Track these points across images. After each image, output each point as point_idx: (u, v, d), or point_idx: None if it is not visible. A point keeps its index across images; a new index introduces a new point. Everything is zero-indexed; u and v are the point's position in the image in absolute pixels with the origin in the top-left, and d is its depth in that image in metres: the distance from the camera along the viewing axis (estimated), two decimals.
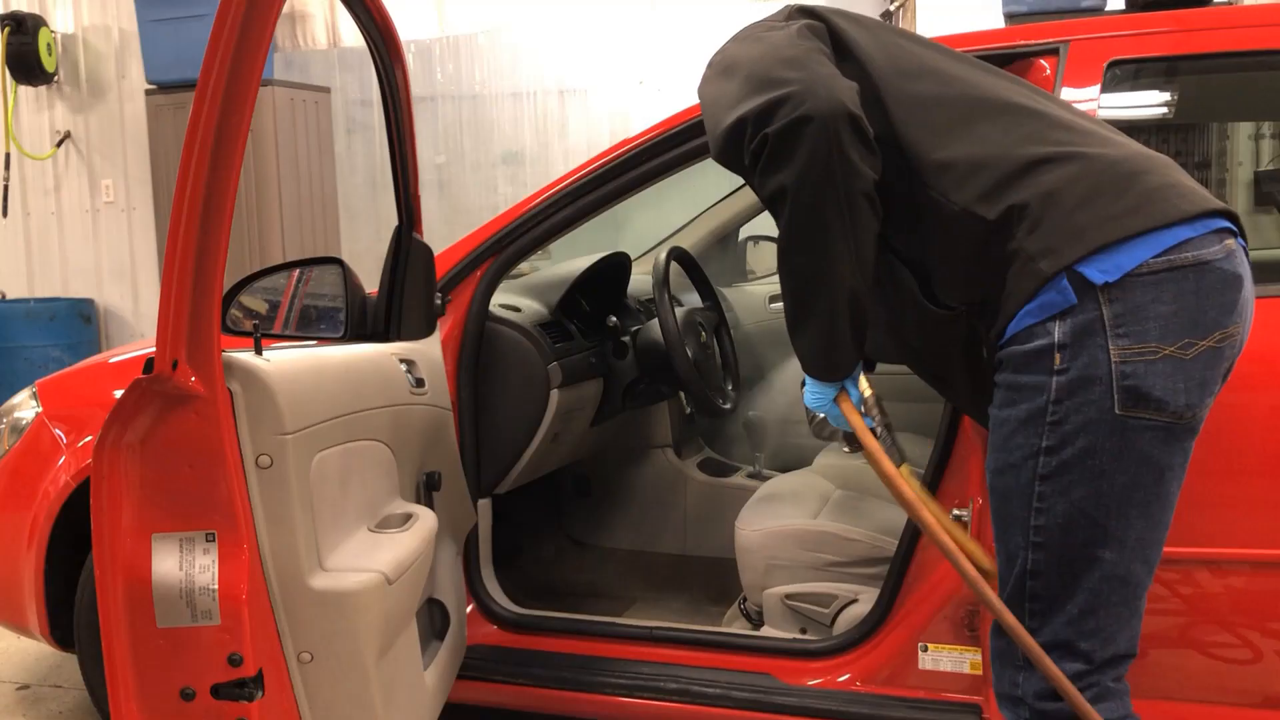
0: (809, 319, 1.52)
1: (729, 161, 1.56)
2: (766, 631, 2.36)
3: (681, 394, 3.18)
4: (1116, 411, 1.37)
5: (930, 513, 1.55)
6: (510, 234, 2.37)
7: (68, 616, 2.44)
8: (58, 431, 2.44)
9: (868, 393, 1.62)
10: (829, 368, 1.57)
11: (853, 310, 1.50)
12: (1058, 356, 1.39)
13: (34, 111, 6.30)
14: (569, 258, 3.05)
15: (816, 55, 1.50)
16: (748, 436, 3.26)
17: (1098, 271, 1.37)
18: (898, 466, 1.62)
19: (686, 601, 2.94)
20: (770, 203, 1.48)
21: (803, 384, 1.67)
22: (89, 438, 2.36)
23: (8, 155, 6.20)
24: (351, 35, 5.74)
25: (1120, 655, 1.47)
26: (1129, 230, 1.37)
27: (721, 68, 1.60)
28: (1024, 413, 1.42)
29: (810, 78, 1.43)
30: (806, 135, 1.40)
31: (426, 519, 2.00)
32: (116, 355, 2.67)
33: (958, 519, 2.03)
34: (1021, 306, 1.41)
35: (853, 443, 1.70)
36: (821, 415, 1.70)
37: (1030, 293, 1.40)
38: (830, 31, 1.59)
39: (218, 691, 1.60)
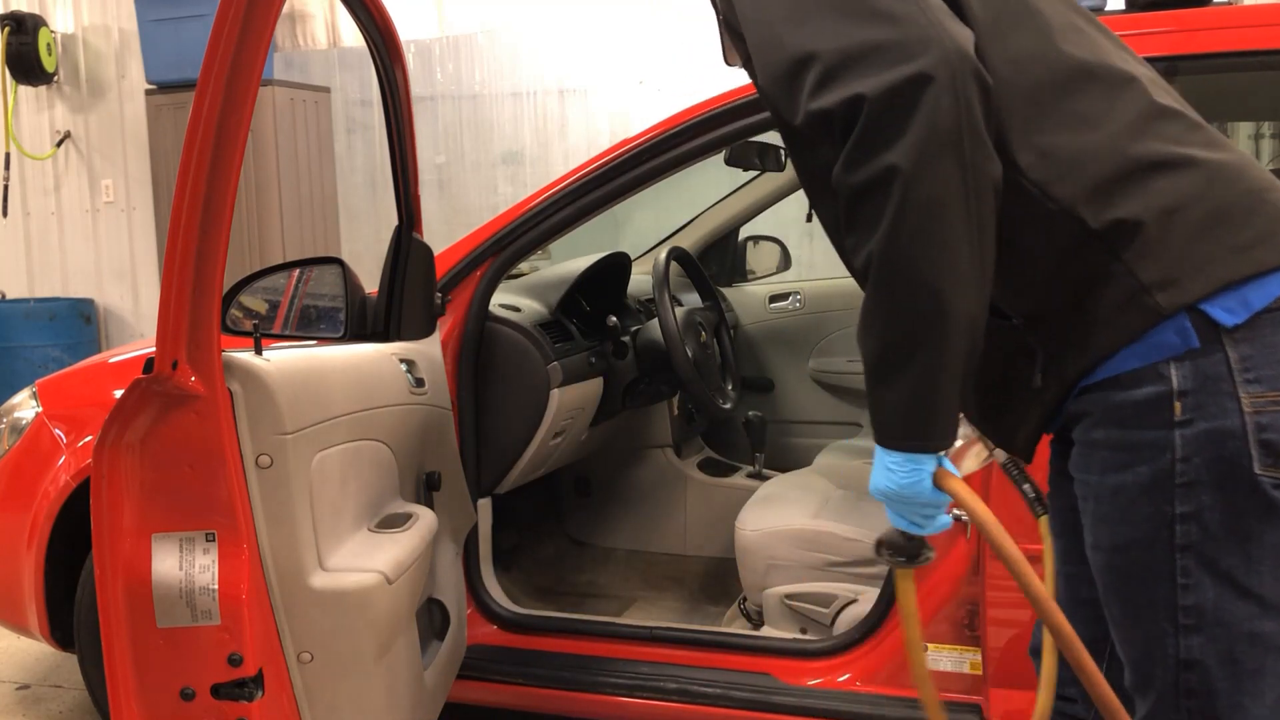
0: (911, 364, 1.12)
1: (775, 101, 1.19)
2: (766, 631, 2.36)
3: (680, 394, 3.19)
4: (1256, 471, 1.15)
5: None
6: (510, 234, 2.37)
7: (68, 616, 2.44)
8: (58, 431, 2.44)
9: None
10: (932, 434, 1.16)
11: (971, 348, 1.13)
12: (1178, 406, 1.16)
13: (34, 111, 6.29)
14: (569, 258, 3.05)
15: None
16: (748, 436, 3.26)
17: (1224, 311, 1.15)
18: None
19: (686, 601, 2.94)
20: (862, 191, 1.10)
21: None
22: (89, 438, 2.36)
23: (8, 155, 6.20)
24: (351, 35, 5.73)
25: None
26: (1261, 265, 1.16)
27: None
28: (1145, 477, 1.18)
29: (921, 14, 1.09)
30: (927, 100, 1.06)
31: (426, 519, 2.00)
32: (116, 355, 2.67)
33: (957, 519, 2.03)
34: (1125, 344, 1.17)
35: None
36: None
37: (1139, 330, 1.16)
38: None
39: (218, 691, 1.60)
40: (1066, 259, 1.19)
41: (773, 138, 3.22)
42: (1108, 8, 2.38)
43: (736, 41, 1.31)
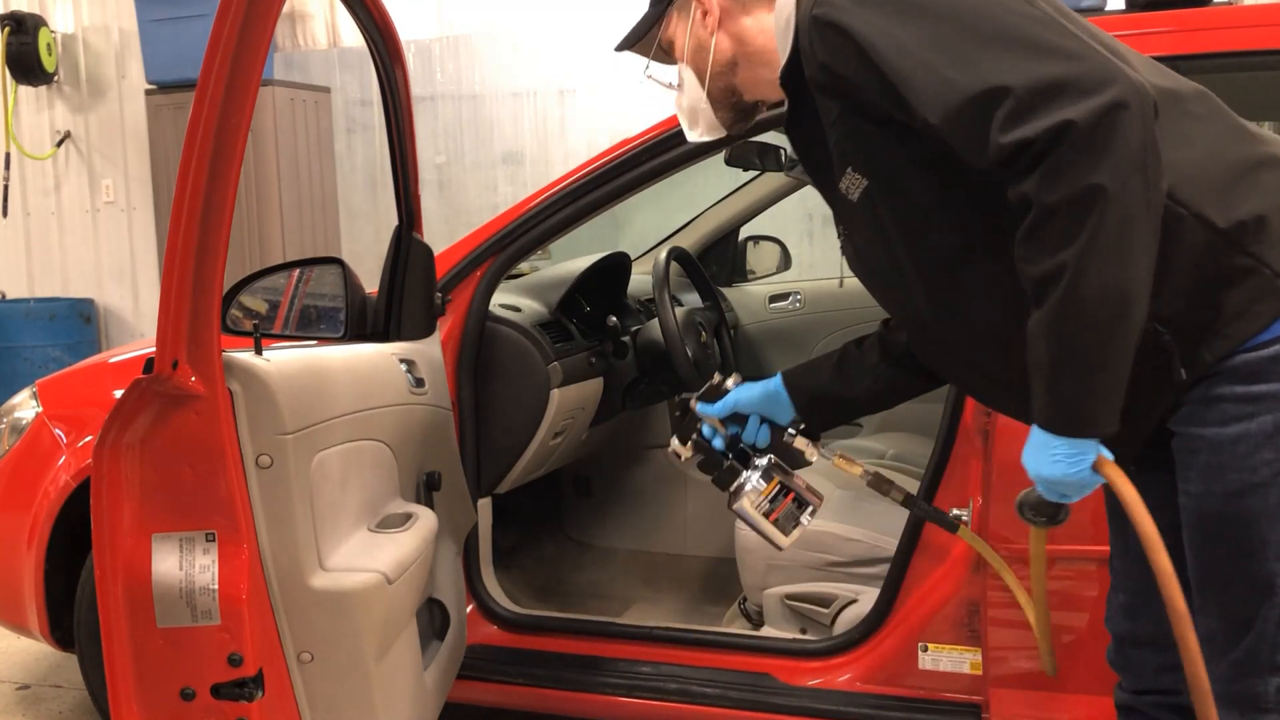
0: (1095, 361, 1.23)
1: (959, 132, 1.26)
2: (766, 631, 2.36)
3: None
4: None
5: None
6: (510, 234, 2.37)
7: (68, 616, 2.44)
8: (58, 431, 2.44)
9: None
10: (1105, 422, 1.27)
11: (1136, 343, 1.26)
12: None
13: (34, 111, 6.30)
14: (569, 258, 3.05)
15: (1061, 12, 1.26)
16: None
17: None
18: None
19: (686, 601, 2.94)
20: (1059, 207, 1.19)
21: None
22: (89, 438, 2.36)
23: (8, 155, 6.20)
24: (351, 35, 5.73)
25: None
26: None
27: None
28: (1270, 425, 1.28)
29: (1095, 51, 1.20)
30: (1123, 126, 1.17)
31: (426, 519, 2.00)
32: (116, 355, 2.67)
33: (957, 519, 2.03)
34: (1264, 328, 1.28)
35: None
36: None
37: (1276, 314, 1.27)
38: None
39: (218, 691, 1.60)
40: (1197, 259, 1.28)
41: (773, 138, 3.22)
42: (1108, 8, 2.38)
43: (830, 97, 1.39)
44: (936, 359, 1.58)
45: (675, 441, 1.79)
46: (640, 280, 3.17)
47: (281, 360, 1.74)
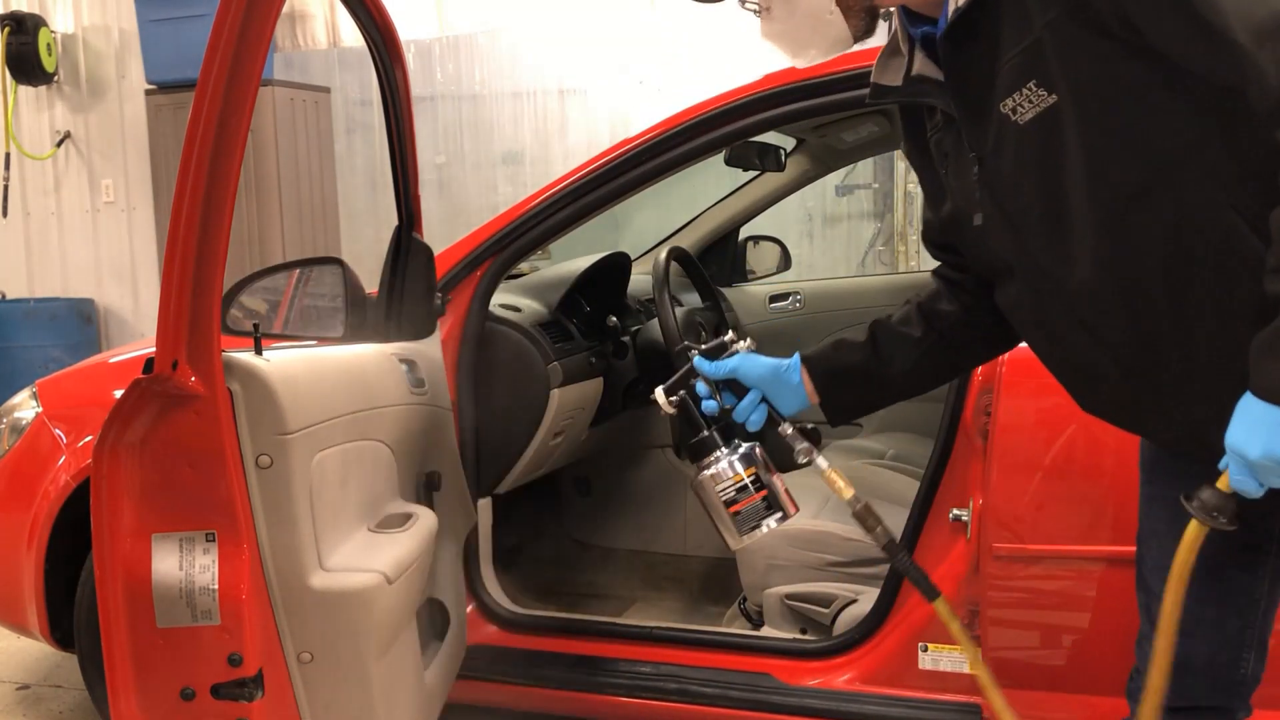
0: None
1: (1258, 56, 1.10)
2: (766, 631, 2.36)
3: None
4: None
5: None
6: (510, 234, 2.37)
7: (68, 616, 2.44)
8: (58, 431, 2.44)
9: None
10: None
11: None
12: None
13: (34, 111, 6.29)
14: (569, 258, 3.05)
15: None
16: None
17: None
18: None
19: (686, 601, 2.94)
20: None
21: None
22: (89, 438, 2.36)
23: (8, 155, 6.20)
24: (351, 35, 5.73)
25: None
26: None
27: None
28: None
29: None
30: None
31: (426, 519, 2.00)
32: (116, 355, 2.68)
33: (957, 519, 2.03)
34: None
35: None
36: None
37: None
38: None
39: (218, 691, 1.60)
40: None
41: (773, 138, 3.22)
42: None
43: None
44: (1046, 321, 1.39)
45: (661, 391, 1.61)
46: (640, 280, 3.17)
47: (281, 360, 1.74)
